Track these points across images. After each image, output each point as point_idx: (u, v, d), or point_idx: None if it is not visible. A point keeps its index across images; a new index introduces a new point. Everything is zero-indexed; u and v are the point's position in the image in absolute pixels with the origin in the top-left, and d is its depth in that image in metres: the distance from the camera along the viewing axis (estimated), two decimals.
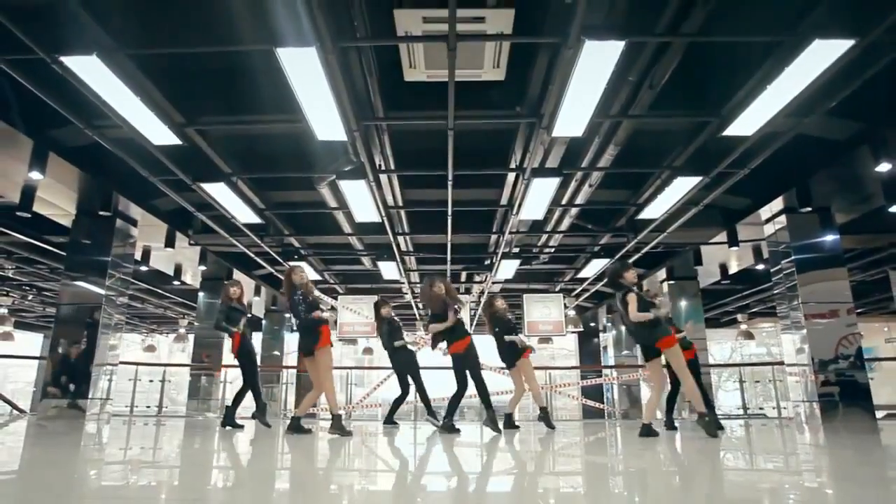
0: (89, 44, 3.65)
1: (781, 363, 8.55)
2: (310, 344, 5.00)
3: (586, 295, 12.82)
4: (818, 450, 4.50)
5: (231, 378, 11.19)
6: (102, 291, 7.63)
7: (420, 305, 13.53)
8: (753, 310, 15.05)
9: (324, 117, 4.59)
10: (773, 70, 4.02)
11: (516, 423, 6.32)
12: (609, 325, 15.73)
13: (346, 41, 3.90)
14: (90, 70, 3.79)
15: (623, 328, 5.28)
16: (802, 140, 5.77)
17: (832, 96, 4.59)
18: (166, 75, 4.74)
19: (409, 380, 6.60)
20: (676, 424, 5.90)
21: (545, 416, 6.28)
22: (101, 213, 7.51)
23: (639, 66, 4.51)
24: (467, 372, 5.42)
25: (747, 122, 4.68)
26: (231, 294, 6.04)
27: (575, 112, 4.57)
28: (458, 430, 5.41)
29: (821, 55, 3.69)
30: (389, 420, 6.79)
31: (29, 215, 7.29)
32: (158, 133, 4.82)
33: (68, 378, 7.43)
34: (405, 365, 6.65)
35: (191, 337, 16.17)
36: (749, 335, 15.44)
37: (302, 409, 5.27)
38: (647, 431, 4.77)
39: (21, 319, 16.99)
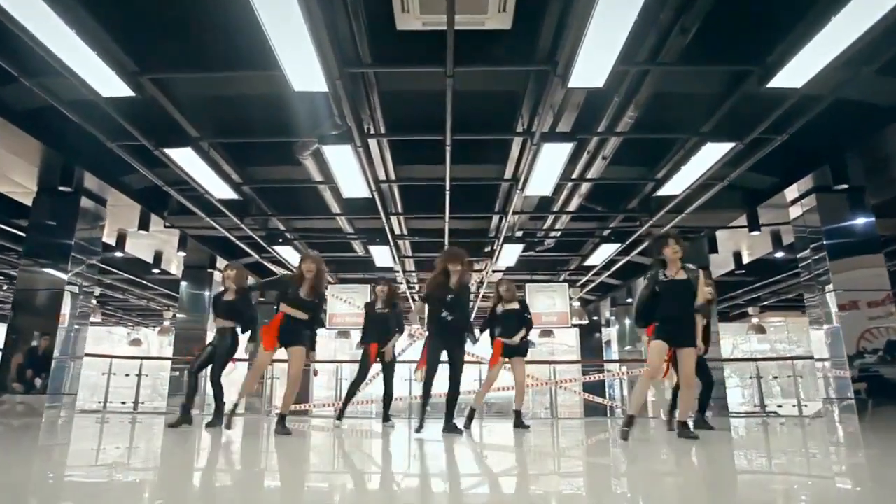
0: None
1: (810, 357, 7.87)
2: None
3: (591, 286, 12.17)
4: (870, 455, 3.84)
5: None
6: (65, 277, 6.94)
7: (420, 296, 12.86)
8: (764, 303, 14.41)
9: (301, 62, 3.88)
10: (831, 6, 3.34)
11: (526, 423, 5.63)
12: (613, 318, 15.09)
13: None
14: None
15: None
16: (842, 106, 5.07)
17: (891, 47, 3.93)
18: (114, 15, 4.02)
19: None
20: (713, 424, 5.18)
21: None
22: (62, 188, 6.78)
23: (671, 4, 3.84)
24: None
25: (797, 72, 4.00)
26: (225, 276, 5.21)
27: (596, 58, 3.88)
28: (460, 431, 4.75)
29: None
30: (386, 418, 6.16)
31: None
32: (107, 82, 4.10)
33: (27, 372, 6.76)
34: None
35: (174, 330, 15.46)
36: (761, 329, 14.79)
37: (284, 407, 4.62)
38: (686, 431, 4.08)
39: None
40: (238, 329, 5.15)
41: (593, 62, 3.95)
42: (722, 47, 4.30)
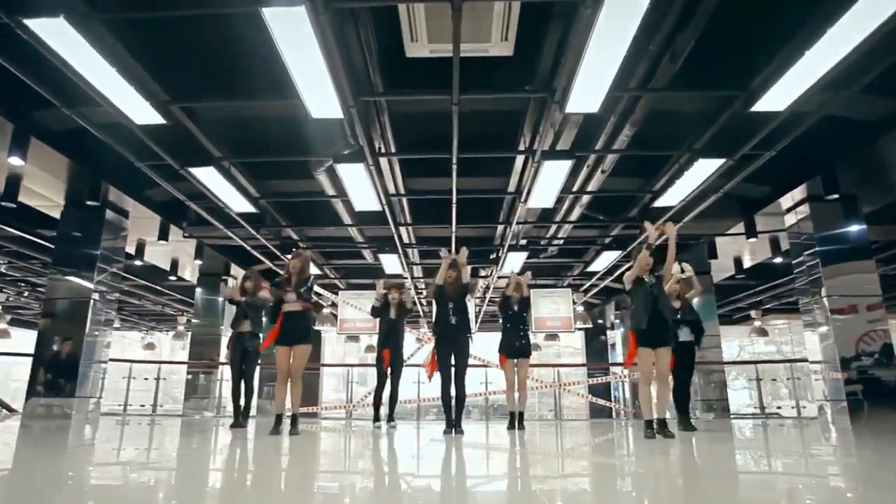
0: (56, 5, 3.30)
1: (804, 360, 8.12)
2: None
3: (595, 290, 12.43)
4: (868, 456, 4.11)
5: (228, 376, 10.87)
6: (91, 286, 7.31)
7: (426, 302, 13.19)
8: (767, 306, 14.63)
9: (318, 92, 4.22)
10: (811, 35, 3.63)
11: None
12: (617, 321, 15.35)
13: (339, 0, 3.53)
14: (59, 35, 3.44)
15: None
16: (830, 122, 5.38)
17: (872, 68, 4.21)
18: (147, 49, 4.38)
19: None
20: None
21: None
22: (88, 203, 7.16)
23: (660, 36, 4.13)
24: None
25: (779, 96, 4.29)
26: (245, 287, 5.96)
27: (590, 85, 4.19)
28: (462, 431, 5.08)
29: (868, 14, 3.30)
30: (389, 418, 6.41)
31: (14, 205, 6.96)
32: (140, 111, 4.46)
33: (55, 376, 7.13)
34: None
35: (189, 334, 15.86)
36: (763, 332, 15.00)
37: (294, 408, 5.03)
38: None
39: (17, 317, 16.73)
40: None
41: (589, 89, 4.25)
42: (709, 73, 4.59)
